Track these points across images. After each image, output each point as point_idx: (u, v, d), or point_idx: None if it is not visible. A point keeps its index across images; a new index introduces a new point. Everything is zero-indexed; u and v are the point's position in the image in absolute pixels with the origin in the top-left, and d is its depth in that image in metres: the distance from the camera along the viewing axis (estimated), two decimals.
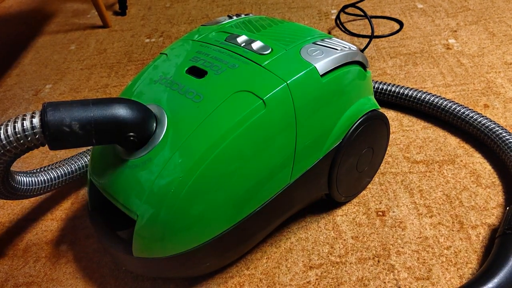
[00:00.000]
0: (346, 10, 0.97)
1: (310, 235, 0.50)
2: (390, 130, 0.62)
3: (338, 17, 0.95)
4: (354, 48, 0.45)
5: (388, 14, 0.95)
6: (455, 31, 0.85)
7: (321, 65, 0.41)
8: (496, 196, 0.51)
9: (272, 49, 0.42)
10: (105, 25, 1.11)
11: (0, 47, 1.09)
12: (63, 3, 1.32)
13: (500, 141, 0.53)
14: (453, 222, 0.49)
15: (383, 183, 0.55)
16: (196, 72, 0.42)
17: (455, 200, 0.51)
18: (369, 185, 0.55)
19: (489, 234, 0.47)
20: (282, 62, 0.41)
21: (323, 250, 0.48)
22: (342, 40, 0.46)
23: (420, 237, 0.48)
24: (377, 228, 0.49)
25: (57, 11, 1.27)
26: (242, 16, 0.53)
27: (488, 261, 0.41)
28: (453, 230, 0.48)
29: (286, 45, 0.43)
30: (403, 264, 0.45)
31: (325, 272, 0.45)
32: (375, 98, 0.62)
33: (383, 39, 0.86)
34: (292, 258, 0.47)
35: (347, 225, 0.50)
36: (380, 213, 0.51)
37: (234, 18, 0.52)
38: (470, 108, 0.58)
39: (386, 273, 0.45)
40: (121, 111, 0.35)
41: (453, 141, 0.60)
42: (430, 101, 0.61)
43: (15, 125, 0.32)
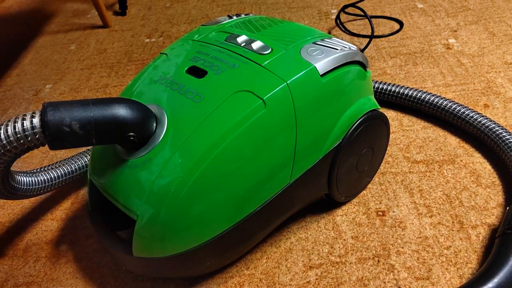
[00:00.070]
0: (346, 10, 0.97)
1: (310, 235, 0.50)
2: (390, 130, 0.62)
3: (338, 17, 0.95)
4: (354, 48, 0.45)
5: (388, 14, 0.95)
6: (455, 31, 0.85)
7: (321, 65, 0.41)
8: (496, 196, 0.51)
9: (272, 49, 0.42)
10: (105, 25, 1.11)
11: (0, 47, 1.09)
12: (63, 3, 1.32)
13: (500, 141, 0.53)
14: (453, 222, 0.49)
15: (383, 183, 0.55)
16: (196, 72, 0.42)
17: (455, 200, 0.51)
18: (369, 185, 0.55)
19: (489, 234, 0.47)
20: (282, 62, 0.41)
21: (323, 250, 0.48)
22: (342, 40, 0.46)
23: (420, 237, 0.48)
24: (377, 228, 0.49)
25: (57, 11, 1.27)
26: (242, 16, 0.53)
27: (488, 261, 0.41)
28: (453, 230, 0.48)
29: (286, 45, 0.43)
30: (403, 264, 0.45)
31: (325, 272, 0.45)
32: (375, 98, 0.62)
33: (383, 39, 0.86)
34: (292, 258, 0.47)
35: (347, 225, 0.50)
36: (380, 213, 0.51)
37: (234, 18, 0.52)
38: (470, 108, 0.58)
39: (386, 273, 0.45)
40: (121, 111, 0.35)
41: (453, 141, 0.60)
42: (430, 101, 0.61)
43: (15, 125, 0.32)
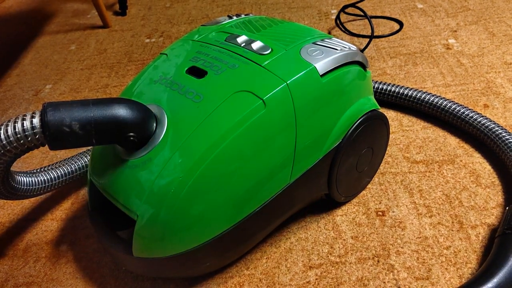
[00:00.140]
0: (346, 10, 0.97)
1: (310, 235, 0.50)
2: (390, 130, 0.62)
3: (338, 17, 0.95)
4: (354, 48, 0.45)
5: (388, 14, 0.95)
6: (455, 31, 0.85)
7: (321, 65, 0.41)
8: (496, 196, 0.51)
9: (272, 49, 0.43)
10: (105, 25, 1.11)
11: (0, 47, 1.09)
12: (63, 3, 1.32)
13: (500, 141, 0.53)
14: (453, 222, 0.49)
15: (383, 183, 0.55)
16: (196, 72, 0.42)
17: (455, 200, 0.51)
18: (369, 185, 0.55)
19: (489, 234, 0.47)
20: (282, 62, 0.41)
21: (323, 250, 0.48)
22: (342, 40, 0.46)
23: (420, 237, 0.48)
24: (377, 228, 0.49)
25: (57, 11, 1.27)
26: (242, 16, 0.53)
27: (488, 261, 0.41)
28: (453, 230, 0.48)
29: (286, 45, 0.43)
30: (403, 264, 0.45)
31: (325, 272, 0.45)
32: (375, 98, 0.62)
33: (383, 39, 0.86)
34: (292, 258, 0.47)
35: (347, 225, 0.50)
36: (380, 213, 0.51)
37: (234, 18, 0.52)
38: (470, 108, 0.58)
39: (386, 273, 0.45)
40: (121, 111, 0.35)
41: (453, 141, 0.60)
42: (430, 101, 0.61)
43: (15, 125, 0.32)
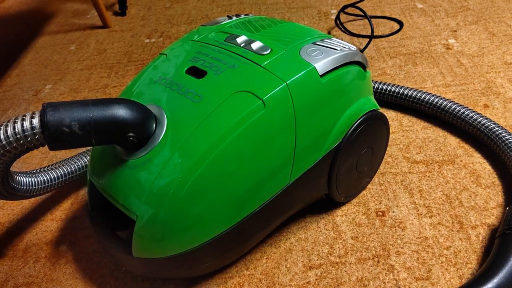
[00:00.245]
0: (346, 10, 0.97)
1: (310, 236, 0.50)
2: (390, 130, 0.62)
3: (338, 17, 0.95)
4: (354, 48, 0.45)
5: (388, 14, 0.95)
6: (455, 31, 0.85)
7: (321, 65, 0.41)
8: (496, 196, 0.51)
9: (272, 49, 0.42)
10: (105, 26, 1.11)
11: (0, 47, 1.09)
12: (63, 3, 1.32)
13: (500, 141, 0.53)
14: (453, 222, 0.49)
15: (383, 183, 0.55)
16: (196, 73, 0.42)
17: (455, 200, 0.51)
18: (369, 185, 0.55)
19: (489, 234, 0.47)
20: (282, 63, 0.41)
21: (323, 251, 0.48)
22: (342, 40, 0.46)
23: (420, 237, 0.48)
24: (377, 228, 0.49)
25: (57, 12, 1.27)
26: (242, 17, 0.53)
27: (488, 261, 0.41)
28: (453, 230, 0.48)
29: (286, 45, 0.43)
30: (403, 264, 0.45)
31: (325, 273, 0.45)
32: (375, 98, 0.62)
33: (383, 39, 0.86)
34: (292, 259, 0.47)
35: (347, 225, 0.50)
36: (380, 213, 0.51)
37: (234, 19, 0.52)
38: (470, 108, 0.58)
39: (386, 273, 0.45)
40: (121, 112, 0.35)
41: (453, 141, 0.60)
42: (430, 101, 0.61)
43: (15, 126, 0.32)
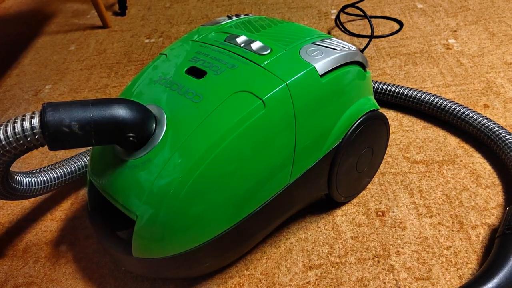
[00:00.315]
0: (346, 10, 0.97)
1: (310, 236, 0.49)
2: (390, 130, 0.62)
3: (338, 17, 0.95)
4: (354, 48, 0.45)
5: (388, 14, 0.95)
6: (455, 31, 0.85)
7: (321, 65, 0.41)
8: (496, 196, 0.51)
9: (272, 50, 0.42)
10: (105, 26, 1.11)
11: (0, 47, 1.09)
12: (63, 4, 1.32)
13: (500, 141, 0.53)
14: (453, 222, 0.49)
15: (383, 183, 0.55)
16: (196, 73, 0.42)
17: (455, 200, 0.51)
18: (369, 185, 0.55)
19: (489, 234, 0.47)
20: (282, 63, 0.41)
21: (323, 251, 0.48)
22: (342, 40, 0.46)
23: (420, 237, 0.48)
24: (377, 228, 0.49)
25: (57, 12, 1.27)
26: (242, 17, 0.53)
27: (488, 261, 0.41)
28: (453, 230, 0.48)
29: (286, 45, 0.43)
30: (403, 264, 0.45)
31: (325, 273, 0.45)
32: (375, 98, 0.62)
33: (383, 39, 0.86)
34: (292, 259, 0.47)
35: (347, 225, 0.50)
36: (380, 213, 0.51)
37: (234, 19, 0.52)
38: (470, 108, 0.58)
39: (386, 273, 0.45)
40: (121, 112, 0.35)
41: (453, 141, 0.60)
42: (430, 101, 0.61)
43: (15, 126, 0.32)
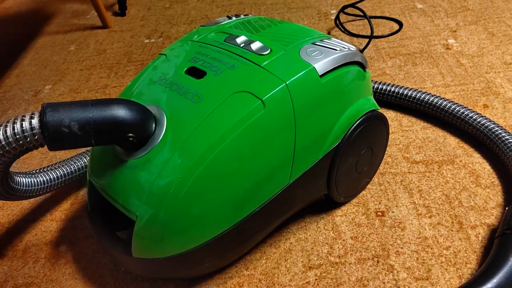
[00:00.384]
0: (346, 10, 0.97)
1: (310, 236, 0.50)
2: (390, 130, 0.62)
3: (338, 18, 0.95)
4: (353, 49, 0.45)
5: (388, 14, 0.95)
6: (455, 31, 0.85)
7: (320, 66, 0.41)
8: (496, 196, 0.51)
9: (271, 50, 0.42)
10: (105, 26, 1.11)
11: (0, 48, 1.09)
12: (63, 4, 1.32)
13: (500, 141, 0.53)
14: (453, 222, 0.49)
15: (383, 184, 0.55)
16: (195, 73, 0.42)
17: (455, 200, 0.51)
18: (369, 186, 0.55)
19: (489, 234, 0.47)
20: (281, 63, 0.41)
21: (323, 251, 0.48)
22: (341, 41, 0.46)
23: (420, 237, 0.48)
24: (377, 229, 0.49)
25: (57, 12, 1.27)
26: (242, 17, 0.53)
27: (487, 261, 0.41)
28: (453, 230, 0.48)
29: (285, 46, 0.43)
30: (403, 265, 0.45)
31: (325, 273, 0.45)
32: (375, 98, 0.62)
33: (383, 39, 0.86)
34: (292, 259, 0.47)
35: (347, 226, 0.50)
36: (380, 214, 0.51)
37: (234, 19, 0.52)
38: (470, 108, 0.58)
39: (386, 274, 0.45)
40: (120, 112, 0.35)
41: (453, 141, 0.60)
42: (430, 101, 0.61)
43: (14, 126, 0.32)
